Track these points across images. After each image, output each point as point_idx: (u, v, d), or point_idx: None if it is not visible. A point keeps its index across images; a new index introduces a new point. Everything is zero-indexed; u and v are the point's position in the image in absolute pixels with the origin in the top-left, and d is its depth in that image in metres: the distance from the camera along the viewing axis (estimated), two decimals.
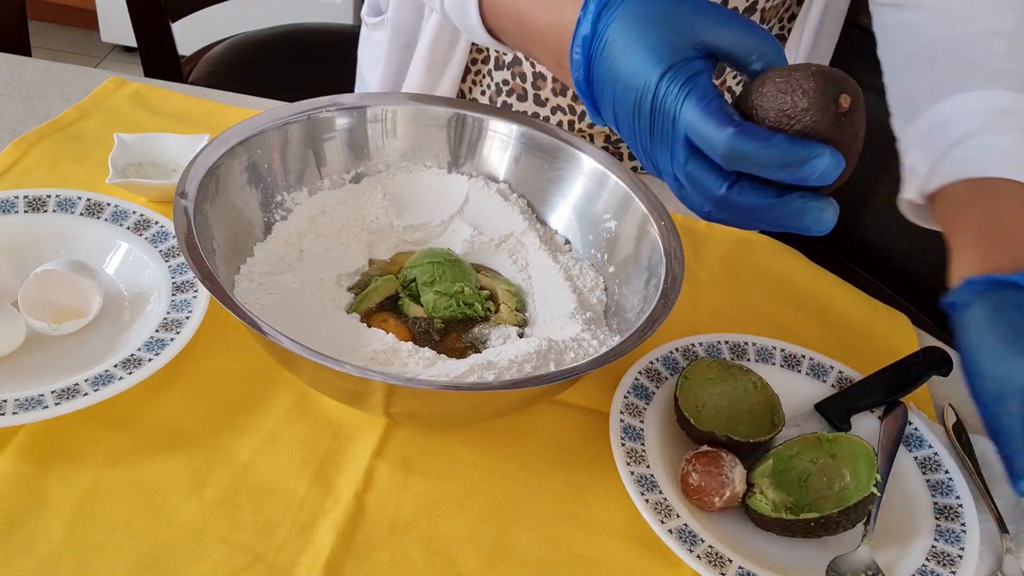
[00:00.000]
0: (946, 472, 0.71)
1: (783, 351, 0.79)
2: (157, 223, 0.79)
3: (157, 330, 0.70)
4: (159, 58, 1.34)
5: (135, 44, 1.34)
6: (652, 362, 0.75)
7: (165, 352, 0.68)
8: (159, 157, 0.89)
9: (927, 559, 0.64)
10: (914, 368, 0.77)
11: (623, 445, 0.68)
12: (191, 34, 1.60)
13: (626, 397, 0.71)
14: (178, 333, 0.70)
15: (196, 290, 0.73)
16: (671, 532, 0.62)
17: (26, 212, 0.78)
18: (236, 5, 1.59)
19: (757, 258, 0.93)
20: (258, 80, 1.40)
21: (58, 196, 0.79)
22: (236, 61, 1.44)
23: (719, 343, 0.78)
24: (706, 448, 0.67)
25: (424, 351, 0.67)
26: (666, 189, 1.01)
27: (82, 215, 0.79)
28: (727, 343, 0.78)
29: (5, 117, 0.94)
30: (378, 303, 0.75)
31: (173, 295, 0.73)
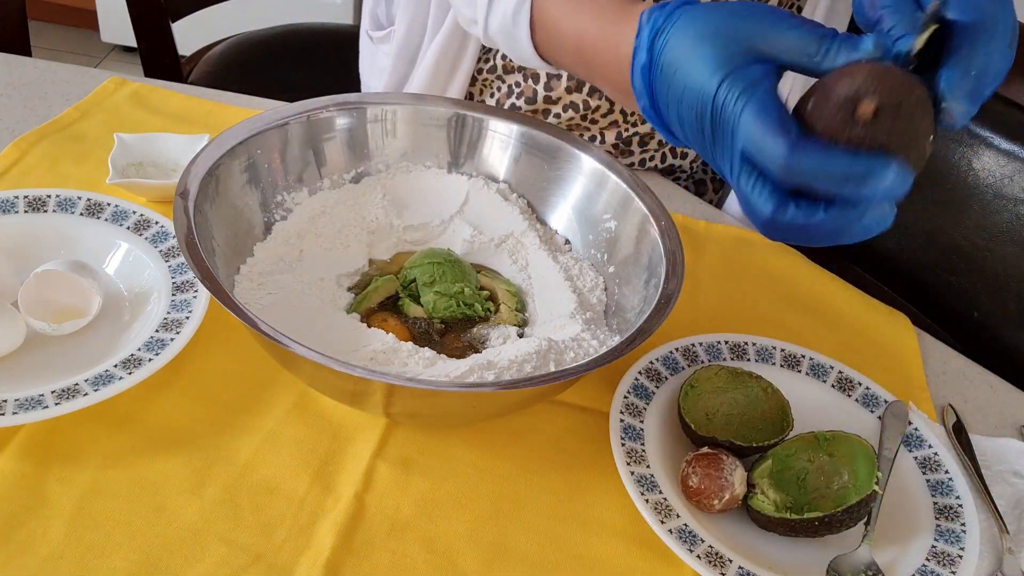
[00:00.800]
0: (946, 472, 0.71)
1: (783, 351, 0.79)
2: (157, 223, 0.79)
3: (157, 330, 0.70)
4: (159, 58, 1.34)
5: (135, 44, 1.34)
6: (652, 362, 0.75)
7: (165, 352, 0.68)
8: (159, 157, 0.89)
9: (927, 559, 0.64)
10: None
11: (623, 445, 0.68)
12: (191, 34, 1.60)
13: (626, 397, 0.71)
14: (178, 333, 0.70)
15: (196, 290, 0.73)
16: (671, 532, 0.62)
17: (26, 212, 0.78)
18: (236, 5, 1.59)
19: (757, 258, 0.93)
20: (258, 80, 1.40)
21: (58, 196, 0.79)
22: (236, 61, 1.44)
23: (719, 343, 0.78)
24: (706, 450, 0.67)
25: (424, 351, 0.67)
26: (667, 189, 1.02)
27: (82, 215, 0.79)
28: (727, 343, 0.78)
29: (5, 117, 0.94)
30: (378, 303, 0.75)
31: (173, 295, 0.73)
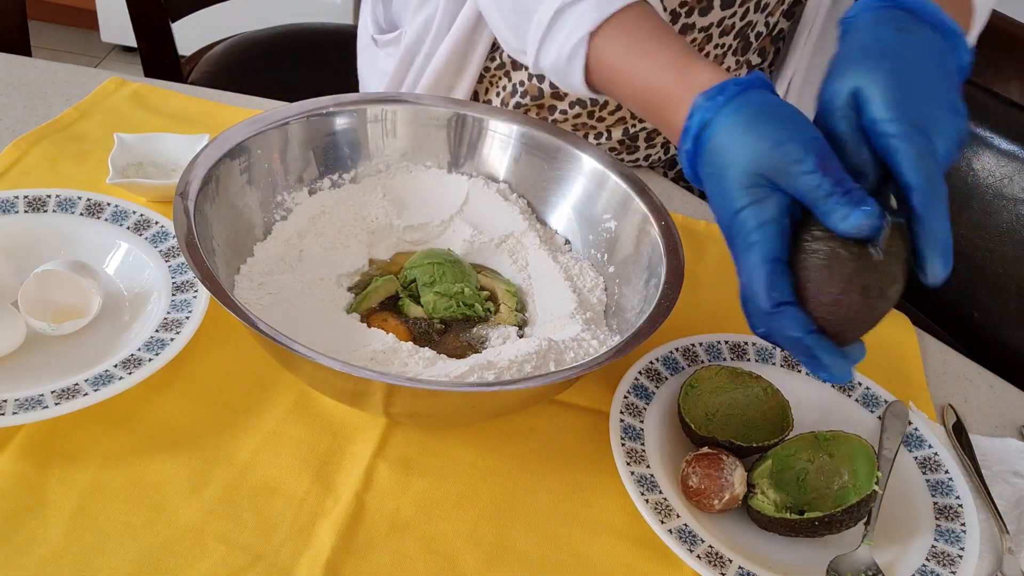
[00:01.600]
0: (946, 472, 0.71)
1: (783, 351, 0.79)
2: (157, 223, 0.79)
3: (157, 330, 0.70)
4: (159, 58, 1.34)
5: (135, 44, 1.34)
6: (652, 362, 0.75)
7: (165, 352, 0.68)
8: (159, 157, 0.89)
9: (927, 559, 0.64)
10: None
11: (623, 445, 0.68)
12: (191, 34, 1.60)
13: (626, 397, 0.71)
14: (178, 333, 0.70)
15: (196, 290, 0.73)
16: (671, 532, 0.62)
17: (26, 212, 0.78)
18: (236, 5, 1.59)
19: None
20: (258, 80, 1.40)
21: (58, 196, 0.79)
22: (236, 61, 1.44)
23: (719, 343, 0.78)
24: (706, 450, 0.67)
25: (424, 351, 0.67)
26: (667, 189, 1.02)
27: (82, 215, 0.79)
28: (727, 343, 0.78)
29: (5, 117, 0.94)
30: (378, 303, 0.75)
31: (173, 295, 0.73)
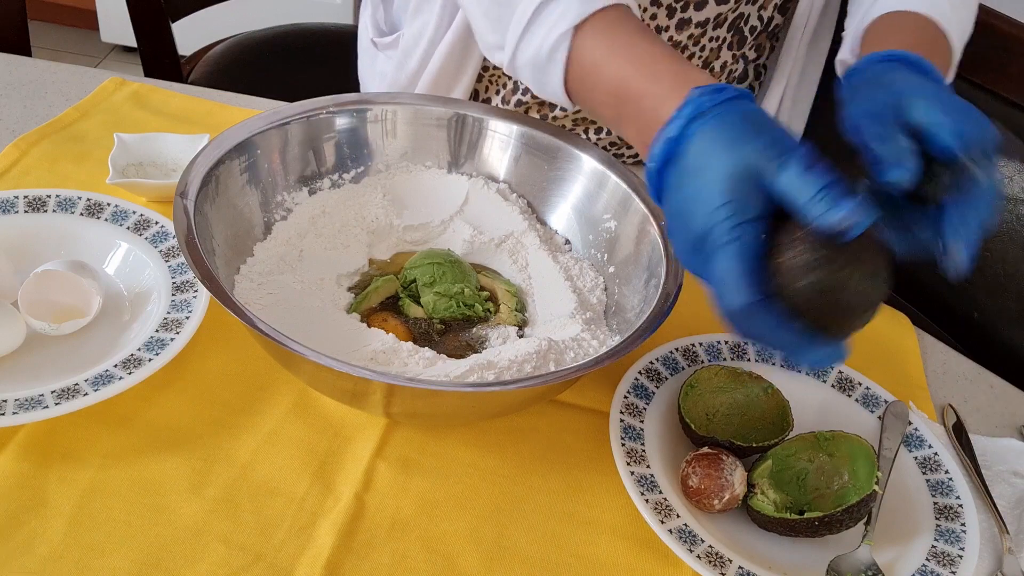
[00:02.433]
0: (946, 472, 0.71)
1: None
2: (157, 223, 0.79)
3: (157, 330, 0.70)
4: (159, 58, 1.34)
5: (135, 44, 1.34)
6: (652, 362, 0.75)
7: (165, 352, 0.68)
8: (159, 157, 0.89)
9: (927, 559, 0.64)
10: None
11: (623, 445, 0.68)
12: (191, 34, 1.59)
13: (626, 397, 0.71)
14: (178, 333, 0.70)
15: (196, 290, 0.73)
16: (671, 532, 0.62)
17: (26, 212, 0.78)
18: (236, 5, 1.58)
19: None
20: (258, 80, 1.40)
21: (58, 196, 0.79)
22: (236, 61, 1.44)
23: (719, 343, 0.78)
24: (706, 450, 0.67)
25: (424, 351, 0.67)
26: None
27: (82, 215, 0.79)
28: (727, 343, 0.78)
29: (5, 117, 0.94)
30: (378, 303, 0.75)
31: (173, 295, 0.73)
